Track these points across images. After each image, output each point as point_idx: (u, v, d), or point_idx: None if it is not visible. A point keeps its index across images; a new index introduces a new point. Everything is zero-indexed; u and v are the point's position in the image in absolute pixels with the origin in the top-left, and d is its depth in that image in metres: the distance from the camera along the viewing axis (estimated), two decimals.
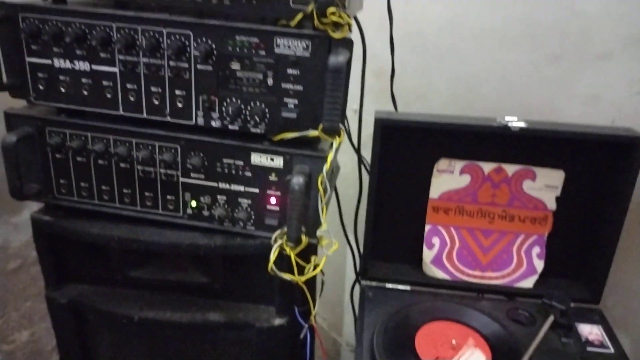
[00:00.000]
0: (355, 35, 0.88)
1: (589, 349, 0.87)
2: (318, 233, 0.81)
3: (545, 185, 0.94)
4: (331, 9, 0.67)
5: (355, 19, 0.96)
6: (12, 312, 1.51)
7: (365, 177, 1.13)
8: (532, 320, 0.92)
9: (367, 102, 1.04)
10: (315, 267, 0.85)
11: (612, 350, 0.88)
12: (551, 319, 0.89)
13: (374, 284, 1.00)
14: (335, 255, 1.17)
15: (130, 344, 1.01)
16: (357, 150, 1.12)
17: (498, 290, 1.00)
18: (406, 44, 1.23)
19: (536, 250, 0.98)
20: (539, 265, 0.99)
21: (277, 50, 0.75)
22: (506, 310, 0.94)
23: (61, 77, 0.81)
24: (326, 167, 0.77)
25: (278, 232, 0.83)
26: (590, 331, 0.91)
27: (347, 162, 1.09)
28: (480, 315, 0.90)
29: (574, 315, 0.93)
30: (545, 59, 1.03)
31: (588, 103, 0.99)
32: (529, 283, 1.00)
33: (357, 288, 1.09)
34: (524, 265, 0.99)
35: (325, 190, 0.79)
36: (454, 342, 0.84)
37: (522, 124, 0.85)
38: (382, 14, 1.05)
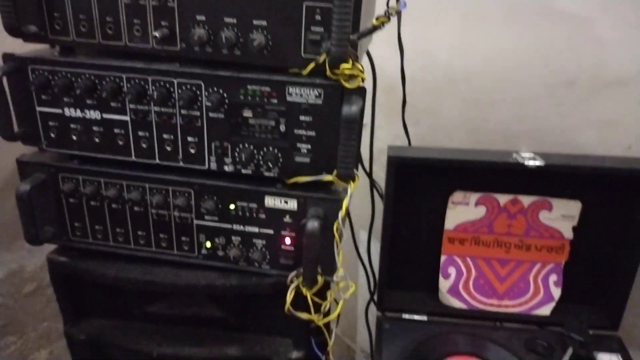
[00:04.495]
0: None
1: None
2: (336, 278, 0.80)
3: (562, 215, 0.93)
4: (344, 65, 0.66)
5: (367, 52, 0.95)
6: (30, 332, 1.54)
7: (377, 199, 1.13)
8: (550, 350, 0.92)
9: (377, 115, 1.03)
10: (329, 310, 0.85)
11: None
12: (570, 351, 0.89)
13: (390, 314, 1.00)
14: (350, 269, 1.17)
15: None
16: (369, 175, 1.11)
17: (515, 319, 0.99)
18: (416, 62, 1.21)
19: (553, 278, 0.97)
20: (556, 292, 0.98)
21: (289, 98, 0.74)
22: (524, 340, 0.94)
23: (72, 126, 0.81)
24: (341, 214, 0.76)
25: (294, 273, 0.83)
26: None
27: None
28: (498, 349, 0.90)
29: (593, 343, 0.92)
30: (560, 83, 1.01)
31: (604, 129, 0.98)
32: (546, 310, 0.99)
33: (372, 306, 1.09)
34: (541, 293, 0.98)
35: (341, 236, 0.78)
36: None
37: (538, 162, 0.84)
38: (391, 31, 1.03)
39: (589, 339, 0.90)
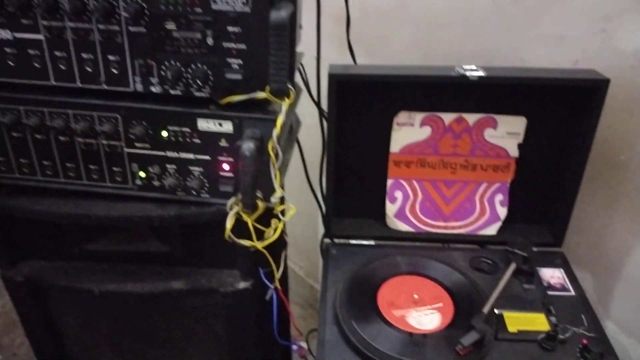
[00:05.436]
0: None
1: (550, 292, 0.88)
2: (273, 199, 0.78)
3: (507, 132, 0.92)
4: None
5: None
6: None
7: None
8: (494, 268, 0.93)
9: (328, 49, 0.99)
10: (275, 232, 0.83)
11: (572, 292, 0.89)
12: (513, 266, 0.89)
13: (338, 241, 0.99)
14: (307, 206, 1.14)
15: (95, 316, 1.00)
16: (317, 104, 1.08)
17: (462, 239, 1.00)
18: None
19: (499, 197, 0.97)
20: (502, 212, 0.98)
21: (214, 6, 0.68)
22: (469, 259, 0.94)
23: None
24: (276, 131, 0.73)
25: (233, 199, 0.80)
26: (552, 275, 0.92)
27: (312, 113, 1.04)
28: (441, 267, 0.90)
29: (537, 260, 0.93)
30: None
31: (552, 44, 0.95)
32: (492, 230, 1.00)
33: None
34: (487, 213, 0.98)
35: (277, 156, 0.75)
36: (415, 296, 0.84)
37: (480, 73, 0.81)
38: None
39: (532, 255, 0.91)
